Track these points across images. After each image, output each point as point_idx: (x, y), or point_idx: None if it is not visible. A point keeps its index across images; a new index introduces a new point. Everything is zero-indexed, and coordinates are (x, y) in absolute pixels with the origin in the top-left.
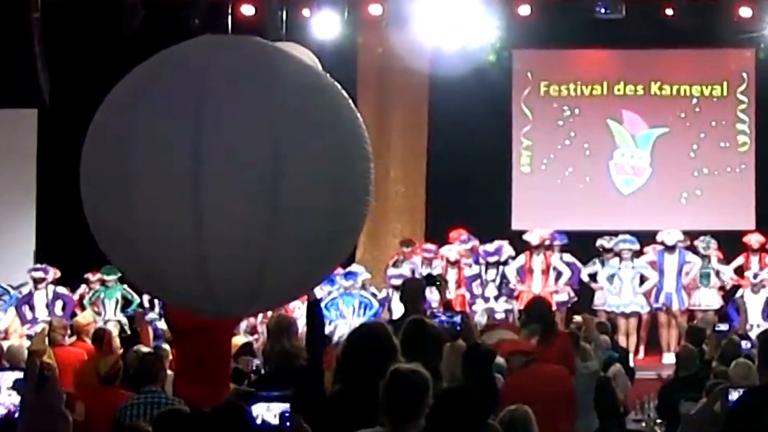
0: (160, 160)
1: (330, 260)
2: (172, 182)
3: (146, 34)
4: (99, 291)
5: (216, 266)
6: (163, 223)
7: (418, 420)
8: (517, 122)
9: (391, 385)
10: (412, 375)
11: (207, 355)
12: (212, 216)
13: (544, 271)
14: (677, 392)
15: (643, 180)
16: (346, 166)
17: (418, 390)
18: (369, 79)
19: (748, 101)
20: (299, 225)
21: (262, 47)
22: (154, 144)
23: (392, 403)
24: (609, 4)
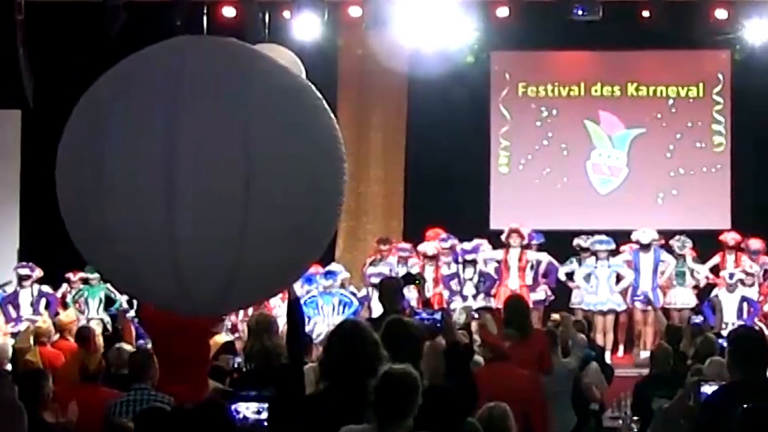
0: (134, 160)
1: (303, 259)
2: (145, 183)
3: (128, 36)
4: (83, 290)
5: (189, 265)
6: (137, 223)
7: (407, 420)
8: (495, 123)
9: (382, 386)
10: (404, 376)
11: (185, 353)
12: (185, 216)
13: (521, 268)
14: (651, 389)
15: (620, 180)
16: (319, 166)
17: (409, 391)
18: (349, 80)
19: (724, 102)
20: (272, 225)
21: (235, 48)
22: (128, 144)
23: (382, 403)
24: (586, 6)
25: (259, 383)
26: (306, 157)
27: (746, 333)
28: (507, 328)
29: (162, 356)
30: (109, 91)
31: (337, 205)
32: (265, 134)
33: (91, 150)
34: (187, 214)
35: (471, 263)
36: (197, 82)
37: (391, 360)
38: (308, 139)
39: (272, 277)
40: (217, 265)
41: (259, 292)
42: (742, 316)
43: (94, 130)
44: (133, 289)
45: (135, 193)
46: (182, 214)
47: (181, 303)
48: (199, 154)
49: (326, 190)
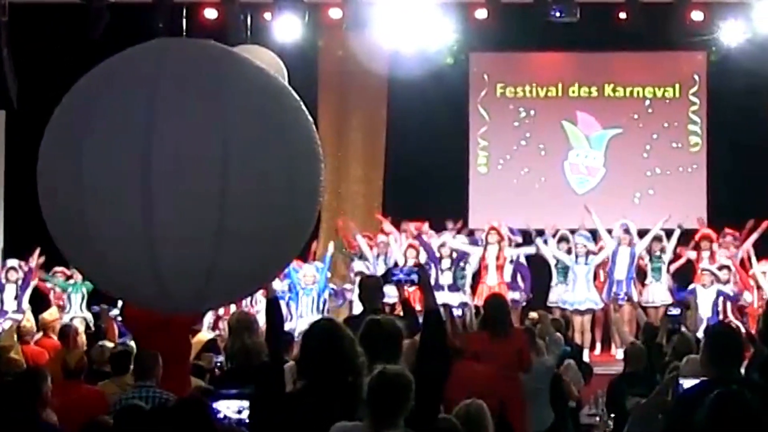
0: (112, 161)
1: (280, 258)
2: (122, 183)
3: (111, 37)
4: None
5: (167, 265)
6: (115, 223)
7: (399, 420)
8: (473, 123)
9: (376, 386)
10: (397, 377)
11: (166, 351)
12: (163, 216)
13: (498, 266)
14: (625, 388)
15: (597, 180)
16: (296, 167)
17: (402, 392)
18: (329, 81)
19: (700, 103)
20: (249, 225)
21: (212, 50)
22: (107, 146)
23: (376, 403)
24: (563, 8)
25: (239, 381)
26: (283, 158)
27: (722, 329)
28: (486, 326)
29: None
30: (89, 93)
31: (314, 205)
32: (242, 135)
33: (71, 150)
34: (165, 214)
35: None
36: (175, 83)
37: (370, 358)
38: (285, 139)
39: (250, 275)
40: (195, 264)
41: (237, 290)
42: (716, 313)
43: (74, 131)
44: (112, 288)
45: (113, 194)
46: (160, 214)
47: (160, 301)
48: (177, 155)
49: (304, 190)
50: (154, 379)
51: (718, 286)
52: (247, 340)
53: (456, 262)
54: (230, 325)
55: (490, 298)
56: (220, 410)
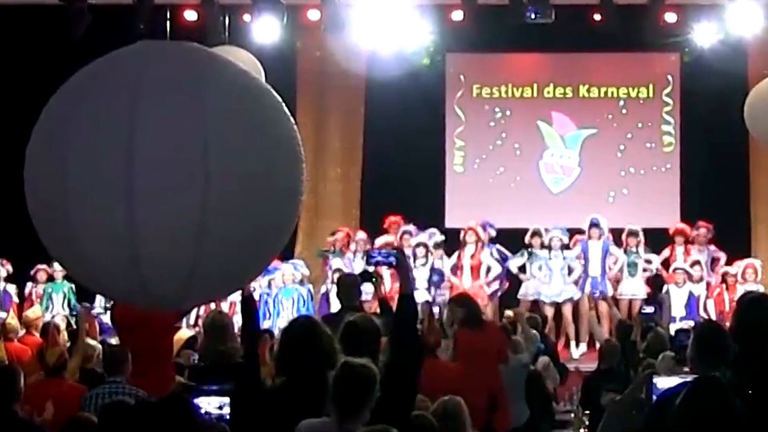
0: (95, 161)
1: (261, 257)
2: (105, 184)
3: (92, 39)
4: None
5: (149, 263)
6: (98, 222)
7: (365, 412)
8: (450, 123)
9: (340, 378)
10: (362, 369)
11: (148, 347)
12: (144, 215)
13: (473, 267)
14: (600, 384)
15: (572, 179)
16: (277, 166)
17: (367, 384)
18: (308, 81)
19: (673, 103)
20: (230, 223)
21: (194, 52)
22: (90, 146)
23: (341, 395)
24: (539, 9)
25: (215, 378)
26: (265, 158)
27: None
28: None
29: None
30: (74, 95)
31: (295, 205)
32: (223, 136)
33: (55, 151)
34: (146, 214)
35: (423, 256)
36: (157, 86)
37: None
38: (267, 140)
39: (232, 274)
40: (177, 262)
41: (219, 288)
42: (689, 312)
43: (58, 132)
44: (95, 286)
45: (96, 194)
46: (142, 214)
47: (142, 298)
48: (159, 156)
49: (285, 190)
50: (124, 375)
51: (690, 285)
52: (221, 346)
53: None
54: (204, 328)
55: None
56: (201, 406)
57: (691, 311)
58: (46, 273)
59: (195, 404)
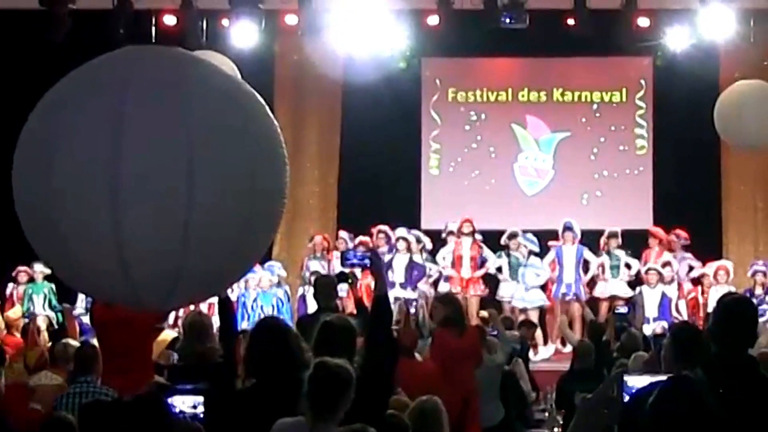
0: (82, 164)
1: (246, 259)
2: (91, 186)
3: (73, 44)
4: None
5: (135, 264)
6: (84, 223)
7: (340, 412)
8: (426, 127)
9: (315, 378)
10: (337, 369)
11: (128, 347)
12: (130, 217)
13: (473, 257)
14: (573, 384)
15: (546, 182)
16: (261, 169)
17: (342, 384)
18: (285, 85)
19: (646, 107)
20: (215, 225)
21: (180, 57)
22: (76, 149)
23: (316, 395)
24: (513, 14)
25: (191, 378)
26: (248, 160)
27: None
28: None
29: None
30: (60, 99)
31: (279, 206)
32: (208, 138)
33: (43, 154)
34: (132, 215)
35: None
36: (143, 89)
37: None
38: (250, 142)
39: (217, 275)
40: (162, 263)
41: (204, 289)
42: (662, 313)
43: (46, 135)
44: (81, 286)
45: (83, 195)
46: (128, 215)
47: (128, 299)
48: (145, 159)
49: (269, 192)
50: (94, 374)
51: (662, 287)
52: (199, 347)
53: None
54: (184, 329)
55: (445, 297)
56: (176, 405)
57: (664, 312)
58: (27, 274)
59: (169, 403)
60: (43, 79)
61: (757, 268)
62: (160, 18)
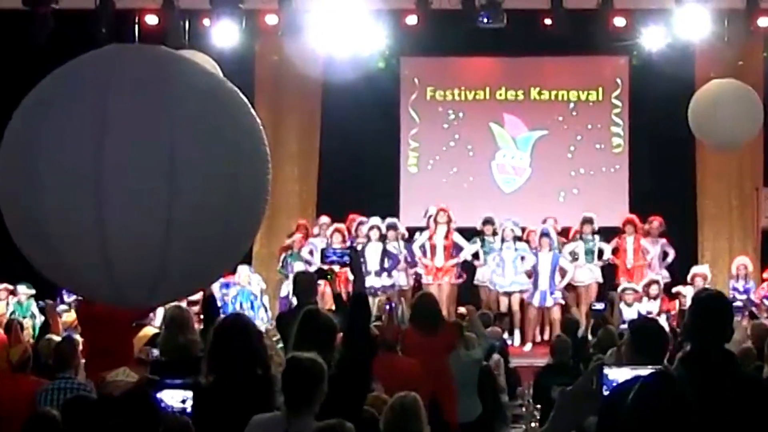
0: (66, 161)
1: (228, 256)
2: (76, 182)
3: (56, 44)
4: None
5: (118, 261)
6: (68, 220)
7: (314, 406)
8: (404, 125)
9: (288, 373)
10: (309, 363)
11: (111, 343)
12: (113, 214)
13: (446, 247)
14: (550, 379)
15: (524, 179)
16: (243, 167)
17: (315, 378)
18: (266, 84)
19: (622, 105)
20: (197, 223)
21: (163, 55)
22: (61, 147)
23: (290, 389)
24: (491, 14)
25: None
26: (230, 158)
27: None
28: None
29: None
30: (45, 97)
31: (261, 205)
32: (190, 136)
33: (27, 151)
34: (115, 213)
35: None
36: (126, 87)
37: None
38: (232, 140)
39: (199, 271)
40: (145, 260)
41: (186, 287)
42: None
43: (30, 133)
44: (66, 282)
45: (67, 193)
46: (111, 213)
47: (111, 296)
48: (127, 157)
49: (251, 189)
50: (73, 370)
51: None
52: (180, 339)
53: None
54: (165, 322)
55: (419, 298)
56: (164, 400)
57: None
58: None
59: (157, 398)
60: (27, 78)
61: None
62: (142, 18)
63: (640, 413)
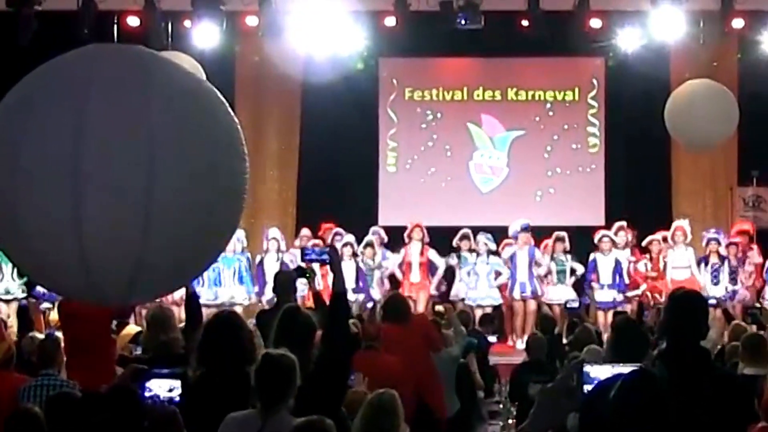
0: (44, 160)
1: (205, 255)
2: (53, 180)
3: (40, 44)
4: None
5: (95, 259)
6: (46, 219)
7: (288, 401)
8: (383, 125)
9: (261, 369)
10: (281, 359)
11: (91, 341)
12: (91, 213)
13: (422, 264)
14: (527, 376)
15: (501, 179)
16: (221, 166)
17: (287, 373)
18: (246, 85)
19: (598, 106)
20: (174, 221)
21: (142, 55)
22: (40, 145)
23: (263, 385)
24: (469, 15)
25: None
26: (208, 157)
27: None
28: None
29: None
30: (24, 96)
31: (239, 203)
32: (168, 135)
33: (6, 151)
34: (93, 211)
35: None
36: (106, 85)
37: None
38: (210, 139)
39: (176, 271)
40: (122, 259)
41: (164, 284)
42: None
43: (9, 131)
44: (44, 280)
45: (44, 191)
46: (88, 211)
47: (90, 294)
48: (106, 154)
49: (228, 188)
50: (57, 367)
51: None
52: (163, 337)
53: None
54: (147, 321)
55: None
56: (152, 389)
57: (619, 281)
58: None
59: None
60: (10, 78)
61: (710, 237)
62: (123, 19)
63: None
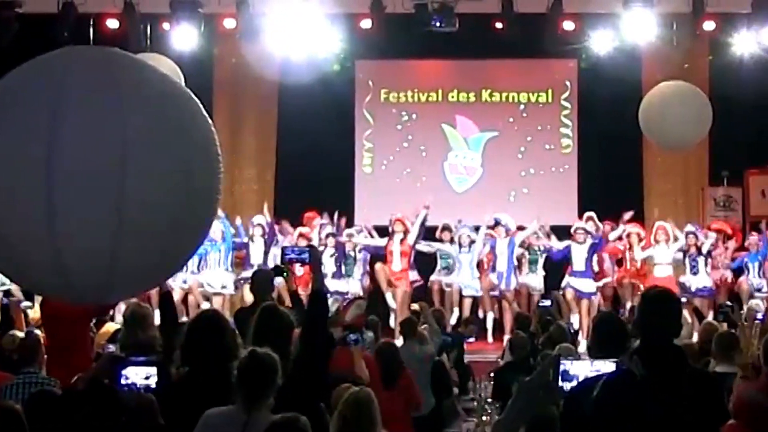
0: (18, 161)
1: (179, 254)
2: (27, 181)
3: (20, 46)
4: None
5: (70, 258)
6: (20, 220)
7: (269, 399)
8: (359, 126)
9: (247, 366)
10: (264, 357)
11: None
12: (65, 212)
13: (403, 253)
14: (510, 375)
15: (475, 179)
16: (194, 166)
17: (269, 371)
18: (224, 86)
19: (571, 107)
20: (147, 220)
21: (116, 56)
22: (13, 146)
23: (244, 383)
24: (443, 18)
25: None
26: (182, 157)
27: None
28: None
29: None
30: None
31: (213, 203)
32: (142, 136)
33: None
34: (66, 211)
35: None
36: (79, 87)
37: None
38: (184, 140)
39: (151, 269)
40: (97, 258)
41: (138, 283)
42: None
43: None
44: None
45: (18, 191)
46: (62, 211)
47: (65, 292)
48: (79, 155)
49: (202, 188)
50: (37, 365)
51: (590, 240)
52: (141, 335)
53: (340, 251)
54: (124, 319)
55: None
56: (129, 377)
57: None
58: None
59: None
60: None
61: (687, 230)
62: (102, 22)
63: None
